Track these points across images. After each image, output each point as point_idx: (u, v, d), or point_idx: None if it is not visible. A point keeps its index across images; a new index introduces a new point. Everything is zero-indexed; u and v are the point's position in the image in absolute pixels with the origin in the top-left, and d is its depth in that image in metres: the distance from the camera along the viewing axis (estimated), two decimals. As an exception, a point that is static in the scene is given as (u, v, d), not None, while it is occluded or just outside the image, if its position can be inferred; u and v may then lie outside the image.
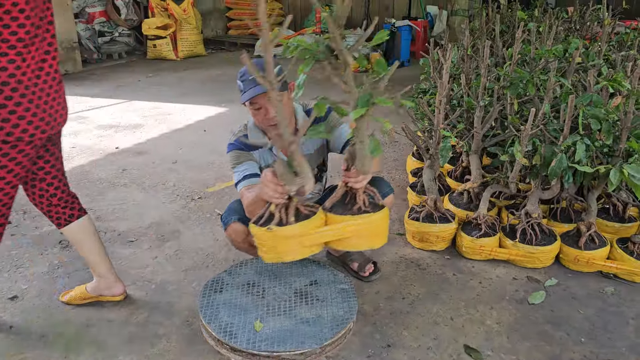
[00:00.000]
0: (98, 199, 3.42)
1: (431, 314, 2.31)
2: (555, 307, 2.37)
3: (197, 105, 5.69)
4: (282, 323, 1.68)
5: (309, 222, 1.69)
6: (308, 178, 1.66)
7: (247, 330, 1.69)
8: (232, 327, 1.71)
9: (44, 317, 2.27)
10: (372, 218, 1.74)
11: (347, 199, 1.82)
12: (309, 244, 1.71)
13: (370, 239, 1.78)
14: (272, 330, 1.69)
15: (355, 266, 2.59)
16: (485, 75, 2.92)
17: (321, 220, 1.74)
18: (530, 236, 2.62)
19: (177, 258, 2.74)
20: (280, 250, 1.70)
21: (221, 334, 1.70)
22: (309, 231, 1.68)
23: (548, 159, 2.62)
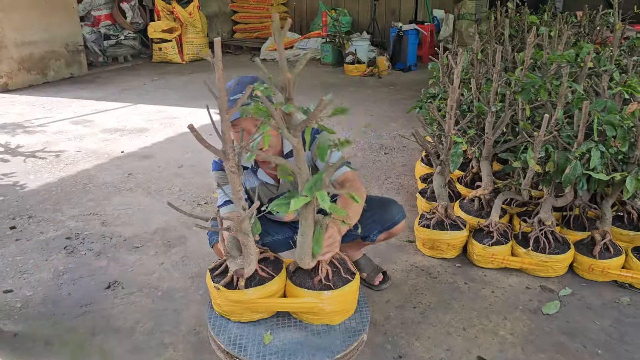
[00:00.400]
0: (104, 203, 3.39)
1: (443, 324, 2.26)
2: (570, 317, 2.32)
3: (203, 109, 5.66)
4: (292, 335, 1.64)
5: (261, 289, 1.61)
6: (250, 262, 1.57)
7: (256, 342, 1.65)
8: (241, 340, 1.66)
9: (49, 325, 2.23)
10: (331, 295, 1.64)
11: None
12: (257, 310, 1.65)
13: (327, 317, 1.69)
14: (283, 343, 1.64)
15: (364, 276, 2.54)
16: (497, 80, 2.87)
17: (277, 287, 1.66)
18: (543, 244, 2.57)
19: (184, 264, 2.70)
20: (225, 309, 1.65)
21: (230, 347, 1.65)
22: (257, 300, 1.61)
23: (562, 165, 2.57)
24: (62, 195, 3.50)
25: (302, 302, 1.63)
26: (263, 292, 1.62)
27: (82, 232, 3.01)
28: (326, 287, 1.66)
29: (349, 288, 1.69)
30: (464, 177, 3.36)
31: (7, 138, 4.64)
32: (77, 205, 3.35)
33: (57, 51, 6.98)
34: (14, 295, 2.43)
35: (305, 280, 1.69)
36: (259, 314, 1.66)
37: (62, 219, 3.16)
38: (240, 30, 10.12)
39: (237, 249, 1.59)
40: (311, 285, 1.67)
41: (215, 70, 1.21)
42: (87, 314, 2.31)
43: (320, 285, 1.67)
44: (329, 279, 1.68)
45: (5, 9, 6.20)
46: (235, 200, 1.49)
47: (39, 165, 4.03)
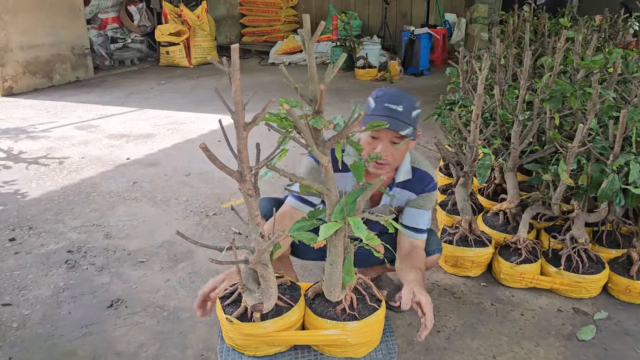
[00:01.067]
0: (107, 214, 3.24)
1: (471, 351, 2.09)
2: (607, 344, 2.14)
3: (211, 115, 5.52)
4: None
5: (279, 320, 1.45)
6: (269, 296, 1.41)
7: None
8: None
9: (47, 348, 2.08)
10: (356, 327, 1.47)
11: None
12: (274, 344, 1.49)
13: (352, 350, 1.52)
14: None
15: (384, 295, 2.37)
16: (524, 86, 2.70)
17: (297, 317, 1.49)
18: (576, 263, 2.39)
19: (191, 281, 2.55)
20: (239, 343, 1.49)
21: None
22: (274, 333, 1.45)
23: (596, 179, 2.40)
24: (64, 204, 3.36)
25: (324, 334, 1.46)
26: (281, 324, 1.45)
27: (84, 244, 2.86)
28: (351, 317, 1.50)
29: (375, 317, 1.52)
30: (486, 188, 3.19)
31: (9, 143, 4.51)
32: (80, 215, 3.21)
33: (63, 54, 6.86)
34: (11, 313, 2.28)
35: (327, 308, 1.53)
36: (275, 348, 1.50)
37: (64, 230, 3.02)
38: (248, 34, 9.99)
39: (255, 281, 1.43)
40: (334, 314, 1.51)
41: (232, 81, 1.06)
42: (88, 335, 2.15)
43: (344, 314, 1.50)
44: (354, 308, 1.52)
45: (10, 11, 6.09)
46: (252, 226, 1.33)
47: (41, 172, 3.89)
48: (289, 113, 1.12)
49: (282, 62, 8.62)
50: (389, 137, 1.77)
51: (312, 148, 1.19)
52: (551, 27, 4.97)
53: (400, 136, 1.75)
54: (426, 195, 2.03)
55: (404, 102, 1.76)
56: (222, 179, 3.80)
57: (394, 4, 9.26)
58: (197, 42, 8.35)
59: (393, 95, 1.78)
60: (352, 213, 1.27)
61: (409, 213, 2.04)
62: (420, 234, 2.03)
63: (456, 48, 9.02)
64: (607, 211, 2.51)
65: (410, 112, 1.77)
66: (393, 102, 1.74)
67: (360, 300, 1.55)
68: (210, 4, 8.91)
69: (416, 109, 1.81)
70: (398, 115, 1.73)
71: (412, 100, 1.80)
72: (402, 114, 1.73)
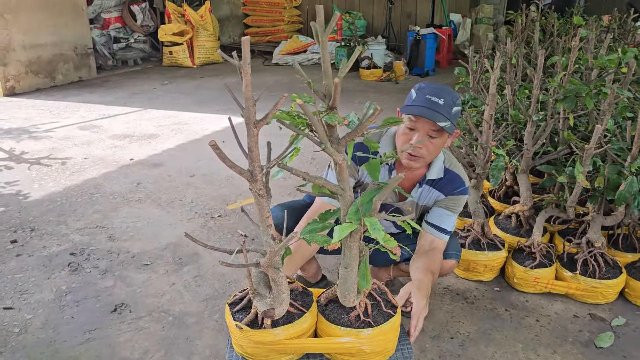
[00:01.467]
0: (111, 215, 3.18)
1: (486, 358, 2.03)
2: (627, 351, 2.08)
3: (214, 115, 5.47)
4: None
5: (290, 327, 1.39)
6: (281, 301, 1.35)
7: None
8: None
9: (49, 354, 2.02)
10: (371, 334, 1.41)
11: None
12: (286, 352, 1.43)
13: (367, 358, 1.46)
14: None
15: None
16: (538, 86, 2.64)
17: (309, 324, 1.43)
18: (592, 268, 2.33)
19: (197, 285, 2.48)
20: (249, 351, 1.43)
21: None
22: (286, 341, 1.39)
23: (613, 181, 2.34)
24: (67, 206, 3.30)
25: (338, 342, 1.40)
26: (293, 332, 1.39)
27: (87, 247, 2.80)
28: (365, 324, 1.44)
29: (390, 325, 1.46)
30: (497, 190, 3.12)
31: (12, 144, 4.46)
32: (83, 217, 3.15)
33: (65, 54, 6.82)
34: (12, 318, 2.22)
35: (340, 315, 1.47)
36: (287, 356, 1.44)
37: (67, 232, 2.96)
38: (252, 34, 9.93)
39: (266, 285, 1.37)
40: (347, 321, 1.44)
41: (243, 75, 1.00)
42: (91, 341, 2.09)
43: (359, 321, 1.44)
44: (368, 314, 1.46)
45: (13, 10, 6.04)
46: (263, 228, 1.27)
47: (43, 173, 3.84)
48: (302, 108, 1.06)
49: (285, 63, 8.57)
50: (426, 129, 1.74)
51: (325, 146, 1.13)
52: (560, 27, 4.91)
53: (438, 129, 1.73)
54: (455, 198, 1.99)
55: (446, 96, 1.74)
56: (227, 180, 3.74)
57: (398, 4, 9.20)
58: (200, 42, 8.30)
59: (435, 88, 1.76)
60: (367, 213, 1.20)
61: (435, 212, 2.00)
62: (443, 234, 1.99)
63: (461, 48, 8.96)
64: (623, 214, 2.44)
65: (451, 107, 1.74)
66: (434, 95, 1.72)
67: (374, 306, 1.49)
68: (213, 4, 8.86)
69: (457, 105, 1.78)
70: (438, 108, 1.70)
71: (454, 96, 1.78)
72: (442, 107, 1.71)
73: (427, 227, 2.00)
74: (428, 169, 1.95)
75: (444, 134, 1.77)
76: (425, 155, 1.81)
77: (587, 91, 2.55)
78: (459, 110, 1.79)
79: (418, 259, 1.93)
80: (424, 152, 1.79)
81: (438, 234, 1.98)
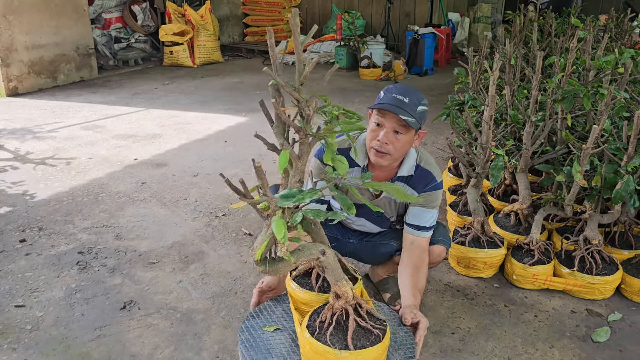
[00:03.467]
0: (117, 214, 3.23)
1: (486, 353, 2.09)
2: (623, 346, 2.14)
3: (216, 114, 5.51)
4: None
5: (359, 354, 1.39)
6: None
7: None
8: None
9: (61, 350, 2.08)
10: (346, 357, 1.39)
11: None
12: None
13: None
14: None
15: (386, 297, 2.38)
16: (536, 87, 2.69)
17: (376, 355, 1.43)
18: (589, 264, 2.39)
19: (203, 283, 2.54)
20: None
21: None
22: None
23: (610, 180, 2.40)
24: (73, 205, 3.35)
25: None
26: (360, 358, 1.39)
27: (95, 246, 2.85)
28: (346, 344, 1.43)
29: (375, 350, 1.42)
30: (496, 189, 3.18)
31: (16, 144, 4.51)
32: (90, 216, 3.20)
33: (67, 54, 6.85)
34: (24, 315, 2.27)
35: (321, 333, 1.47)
36: None
37: (74, 231, 3.01)
38: (251, 34, 9.98)
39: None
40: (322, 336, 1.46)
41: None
42: (102, 337, 2.15)
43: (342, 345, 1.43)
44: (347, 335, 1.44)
45: (15, 11, 6.08)
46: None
47: (49, 173, 3.89)
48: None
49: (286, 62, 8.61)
50: (392, 125, 1.86)
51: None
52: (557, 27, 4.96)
53: (404, 125, 1.85)
54: (428, 194, 2.05)
55: (411, 95, 1.87)
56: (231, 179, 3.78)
57: (397, 4, 9.25)
58: (200, 42, 8.34)
59: (402, 88, 1.90)
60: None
61: (412, 211, 2.08)
62: (422, 232, 2.05)
63: (459, 47, 9.02)
64: (620, 212, 2.50)
65: (416, 106, 1.86)
66: (400, 94, 1.86)
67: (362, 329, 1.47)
68: (213, 4, 8.89)
69: (422, 105, 1.90)
70: (403, 105, 1.83)
71: (420, 96, 1.91)
72: (407, 105, 1.84)
73: (407, 227, 2.08)
74: (400, 167, 2.04)
75: (410, 130, 1.87)
76: (392, 152, 1.90)
77: (585, 92, 2.60)
78: (424, 110, 1.90)
79: (404, 267, 2.00)
80: (390, 149, 1.89)
81: (418, 233, 2.05)
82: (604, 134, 2.60)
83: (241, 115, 5.50)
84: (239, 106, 5.84)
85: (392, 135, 1.88)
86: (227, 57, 9.12)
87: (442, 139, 4.74)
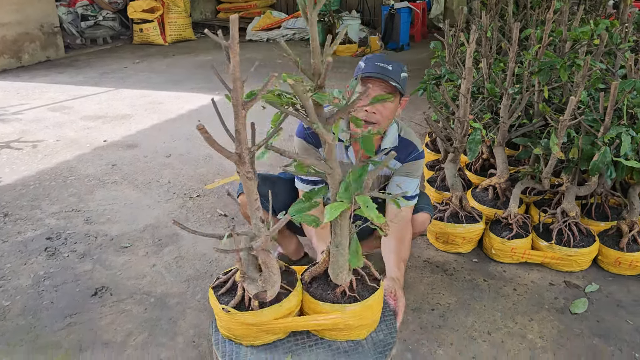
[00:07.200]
0: (87, 198, 3.12)
1: (466, 328, 2.07)
2: (600, 316, 2.15)
3: (189, 93, 5.38)
4: (317, 356, 1.42)
5: (278, 307, 1.39)
6: (273, 283, 1.34)
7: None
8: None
9: (29, 340, 1.99)
10: (356, 309, 1.42)
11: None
12: (274, 332, 1.44)
13: (354, 332, 1.47)
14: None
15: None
16: (513, 59, 2.65)
17: (295, 303, 1.43)
18: (567, 237, 2.38)
19: (178, 266, 2.47)
20: (237, 333, 1.43)
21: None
22: (274, 321, 1.39)
23: (587, 152, 2.38)
24: (40, 190, 3.23)
25: (326, 318, 1.41)
26: (281, 311, 1.39)
27: (63, 231, 2.75)
28: (351, 299, 1.45)
29: (375, 298, 1.48)
30: (474, 163, 3.16)
31: (-21, 127, 4.32)
32: (58, 200, 3.09)
33: (31, 33, 6.59)
34: (-10, 305, 2.18)
35: (326, 292, 1.47)
36: (274, 335, 1.44)
37: (42, 216, 2.90)
38: (224, 10, 9.74)
39: (256, 268, 1.36)
40: (333, 297, 1.45)
41: (231, 56, 0.96)
42: (72, 325, 2.07)
43: (344, 297, 1.45)
44: (353, 289, 1.47)
45: (-26, -12, 5.80)
46: (251, 212, 1.25)
47: (14, 156, 3.74)
48: (293, 88, 1.04)
49: (260, 39, 8.44)
50: (378, 92, 1.82)
51: (317, 125, 1.12)
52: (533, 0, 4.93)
53: (390, 91, 1.81)
54: (411, 164, 2.03)
55: (393, 63, 1.86)
56: (205, 159, 3.70)
57: (372, -22, 9.10)
58: (171, 19, 8.11)
59: (382, 57, 1.88)
60: (357, 192, 1.20)
61: (395, 181, 2.04)
62: (407, 200, 2.02)
63: (435, 22, 8.94)
64: (596, 184, 2.50)
65: (399, 73, 1.84)
66: (383, 62, 1.84)
67: (359, 281, 1.51)
68: (183, -21, 8.63)
69: (404, 72, 1.88)
70: (388, 72, 1.81)
71: (400, 64, 1.89)
72: (391, 72, 1.82)
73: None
74: (382, 139, 2.00)
75: (395, 97, 1.84)
76: (380, 121, 1.86)
77: (562, 63, 2.57)
78: (406, 77, 1.88)
79: (389, 237, 1.96)
80: (378, 118, 1.85)
81: (403, 202, 2.01)
82: (581, 106, 2.58)
83: (215, 93, 5.37)
84: (212, 84, 5.70)
85: (378, 104, 1.83)
86: (199, 34, 8.89)
87: (418, 115, 4.70)
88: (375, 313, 1.50)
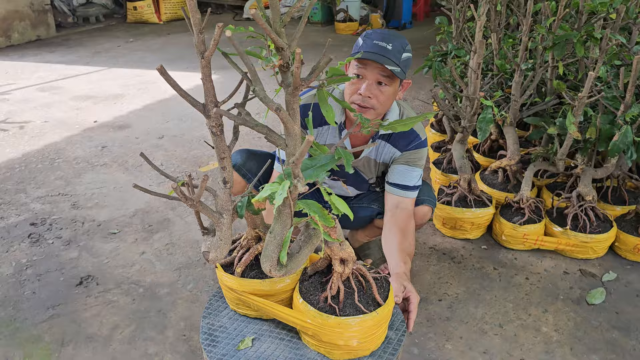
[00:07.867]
0: (74, 182, 2.97)
1: (476, 320, 1.94)
2: (619, 307, 2.01)
3: (184, 72, 5.19)
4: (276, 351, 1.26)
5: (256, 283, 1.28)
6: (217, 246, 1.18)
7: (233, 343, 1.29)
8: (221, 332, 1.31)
9: (9, 334, 1.86)
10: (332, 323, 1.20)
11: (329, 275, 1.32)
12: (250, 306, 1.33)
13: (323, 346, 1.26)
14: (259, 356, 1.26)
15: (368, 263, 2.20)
16: (526, 33, 2.48)
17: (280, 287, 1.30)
18: (583, 222, 2.24)
19: (169, 253, 2.33)
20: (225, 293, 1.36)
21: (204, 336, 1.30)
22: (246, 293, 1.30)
23: (605, 132, 2.22)
24: (26, 173, 3.07)
25: (295, 317, 1.25)
26: (259, 287, 1.27)
27: (49, 216, 2.60)
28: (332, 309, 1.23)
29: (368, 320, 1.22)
30: (482, 145, 3.00)
31: (-36, 108, 4.15)
32: (44, 184, 2.93)
33: (20, 11, 6.36)
34: (-33, 296, 2.04)
35: (315, 291, 1.29)
36: (254, 312, 1.33)
37: (26, 201, 2.75)
38: (220, -12, 9.47)
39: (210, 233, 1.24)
40: (313, 299, 1.26)
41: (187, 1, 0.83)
42: (55, 318, 1.93)
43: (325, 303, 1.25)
44: (339, 299, 1.25)
45: (-41, -38, 5.57)
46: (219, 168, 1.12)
47: (0, 138, 3.57)
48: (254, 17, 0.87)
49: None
50: (375, 76, 1.65)
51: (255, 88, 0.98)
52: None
53: (388, 74, 1.64)
54: (412, 153, 1.86)
55: (394, 40, 1.65)
56: (199, 141, 3.54)
57: (373, -46, 8.83)
58: (166, -3, 7.87)
59: (383, 34, 1.68)
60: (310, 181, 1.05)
61: (395, 170, 1.88)
62: (408, 191, 1.86)
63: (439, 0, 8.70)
64: (614, 166, 2.35)
65: (400, 53, 1.65)
66: (382, 40, 1.64)
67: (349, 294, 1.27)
68: (178, -45, 8.36)
69: (407, 51, 1.69)
70: (386, 53, 1.62)
71: (403, 42, 1.69)
72: (391, 52, 1.63)
73: (390, 187, 1.87)
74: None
75: (395, 80, 1.67)
76: (376, 106, 1.69)
77: (578, 37, 2.40)
78: (409, 57, 1.69)
79: (389, 231, 1.81)
80: (374, 102, 1.68)
81: (403, 192, 1.85)
82: (597, 83, 2.42)
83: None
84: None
85: (375, 88, 1.66)
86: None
87: (422, 94, 4.53)
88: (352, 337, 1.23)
